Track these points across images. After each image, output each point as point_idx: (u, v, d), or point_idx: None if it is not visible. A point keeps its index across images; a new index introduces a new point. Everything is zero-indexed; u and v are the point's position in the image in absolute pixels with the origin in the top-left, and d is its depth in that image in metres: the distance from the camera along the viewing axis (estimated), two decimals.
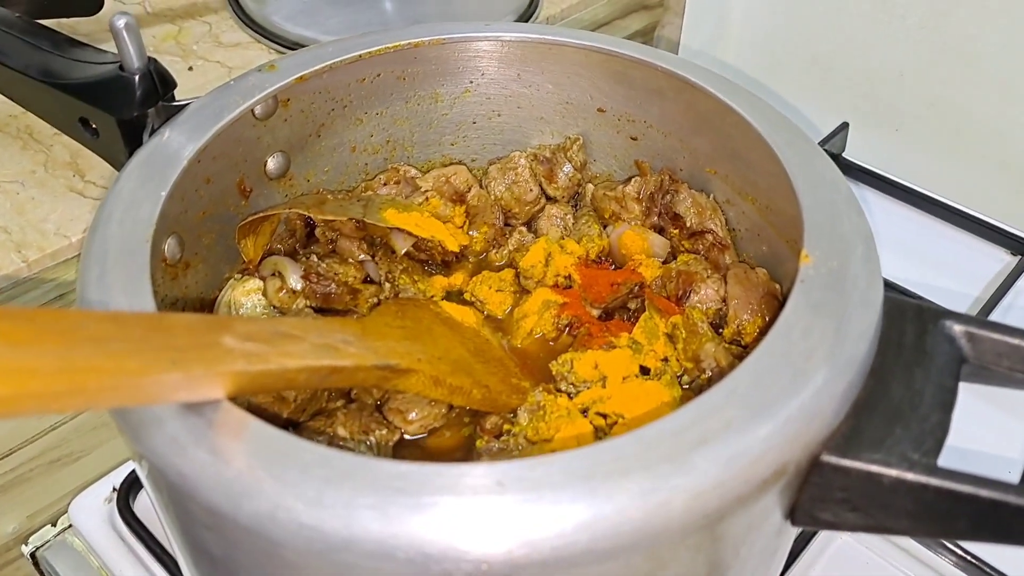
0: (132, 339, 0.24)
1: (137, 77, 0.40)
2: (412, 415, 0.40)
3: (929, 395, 0.31)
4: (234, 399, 0.28)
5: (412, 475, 0.26)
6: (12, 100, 0.46)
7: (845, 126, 0.68)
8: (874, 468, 0.29)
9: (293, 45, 0.63)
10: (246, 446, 0.27)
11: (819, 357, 0.30)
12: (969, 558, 0.45)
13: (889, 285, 0.56)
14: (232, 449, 0.27)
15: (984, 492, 0.28)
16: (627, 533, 0.26)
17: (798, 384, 0.29)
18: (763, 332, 0.41)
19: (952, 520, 0.29)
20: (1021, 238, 0.63)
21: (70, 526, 0.50)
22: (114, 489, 0.49)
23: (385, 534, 0.25)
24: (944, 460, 0.29)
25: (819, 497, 0.30)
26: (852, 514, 0.30)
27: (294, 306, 0.43)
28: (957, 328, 0.33)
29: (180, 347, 0.25)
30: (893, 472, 0.28)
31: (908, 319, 0.33)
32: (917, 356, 0.32)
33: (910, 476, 0.28)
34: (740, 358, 0.41)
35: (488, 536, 0.25)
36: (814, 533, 0.46)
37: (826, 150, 0.67)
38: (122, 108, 0.40)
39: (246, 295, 0.43)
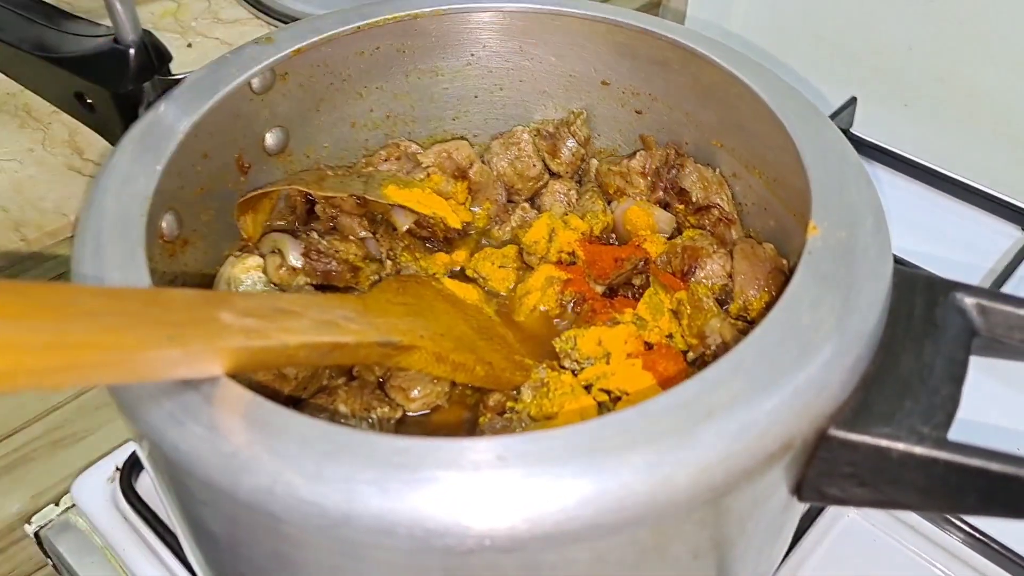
0: (128, 314, 0.23)
1: (132, 50, 0.40)
2: (414, 392, 0.39)
3: (939, 368, 0.30)
4: (234, 376, 0.28)
5: (412, 450, 0.26)
6: (7, 76, 0.45)
7: (853, 101, 0.67)
8: (883, 442, 0.28)
9: (293, 20, 0.62)
10: (244, 421, 0.26)
11: (827, 329, 0.29)
12: (977, 535, 0.45)
13: (898, 261, 0.55)
14: (230, 424, 0.26)
15: (994, 466, 0.27)
16: (632, 507, 0.25)
17: (806, 357, 0.28)
18: (770, 307, 0.41)
19: (962, 495, 0.28)
20: None
21: (73, 506, 0.50)
22: (117, 468, 0.49)
23: (385, 509, 0.25)
24: (954, 434, 0.28)
25: (826, 472, 0.30)
26: (860, 489, 0.29)
27: (294, 283, 0.43)
28: (968, 300, 0.32)
29: (177, 322, 0.25)
30: (902, 446, 0.28)
31: (918, 291, 0.32)
32: (927, 329, 0.31)
33: (919, 450, 0.28)
34: (746, 334, 0.40)
35: (490, 511, 0.25)
36: (820, 511, 0.46)
37: None
38: (117, 81, 0.40)
39: (245, 272, 0.43)
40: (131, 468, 0.48)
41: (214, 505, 0.28)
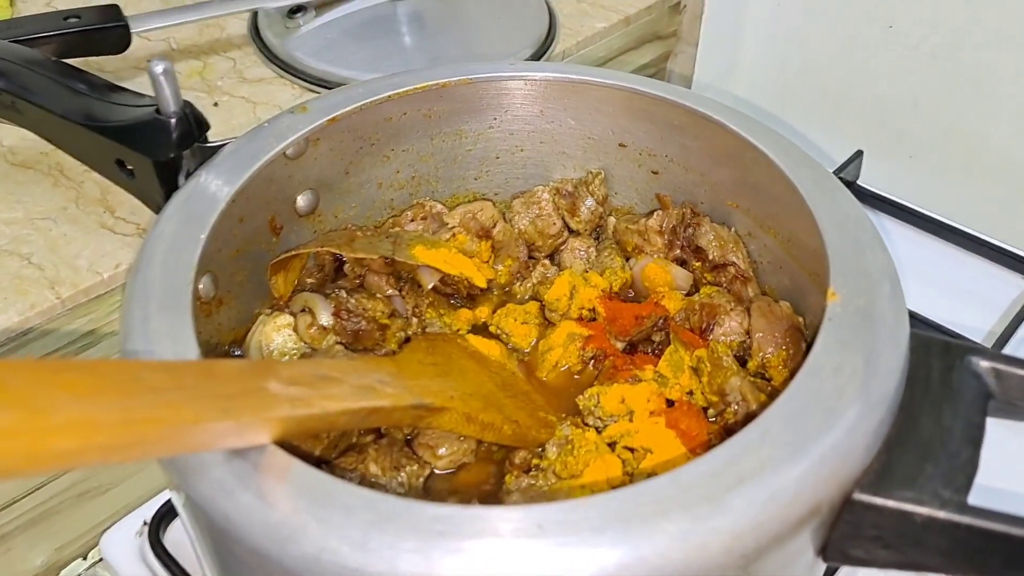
0: (186, 388, 0.25)
1: (173, 120, 0.41)
2: (442, 451, 0.40)
3: (958, 432, 0.31)
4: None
5: (454, 518, 0.27)
6: (48, 141, 0.47)
7: (860, 154, 0.69)
8: (906, 506, 0.29)
9: (316, 80, 0.64)
10: (291, 489, 0.28)
11: (850, 395, 0.30)
12: None
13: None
14: (277, 492, 0.27)
15: (1017, 531, 0.28)
16: (667, 575, 0.26)
17: (830, 422, 0.29)
18: (787, 366, 0.42)
19: (985, 558, 0.29)
20: None
21: (101, 560, 0.50)
22: (145, 523, 0.50)
23: None
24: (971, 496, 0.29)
25: (851, 535, 0.30)
26: (884, 551, 0.30)
27: (324, 343, 0.44)
28: (983, 364, 0.33)
29: (230, 394, 0.26)
30: (925, 510, 0.29)
31: (935, 355, 0.34)
32: (945, 392, 0.32)
33: (942, 515, 0.29)
34: (764, 392, 0.41)
35: None
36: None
37: (841, 178, 0.67)
38: (159, 150, 0.41)
39: (277, 331, 0.44)
40: (159, 522, 0.49)
41: (259, 570, 0.29)
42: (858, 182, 0.69)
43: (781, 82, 0.74)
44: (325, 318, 0.44)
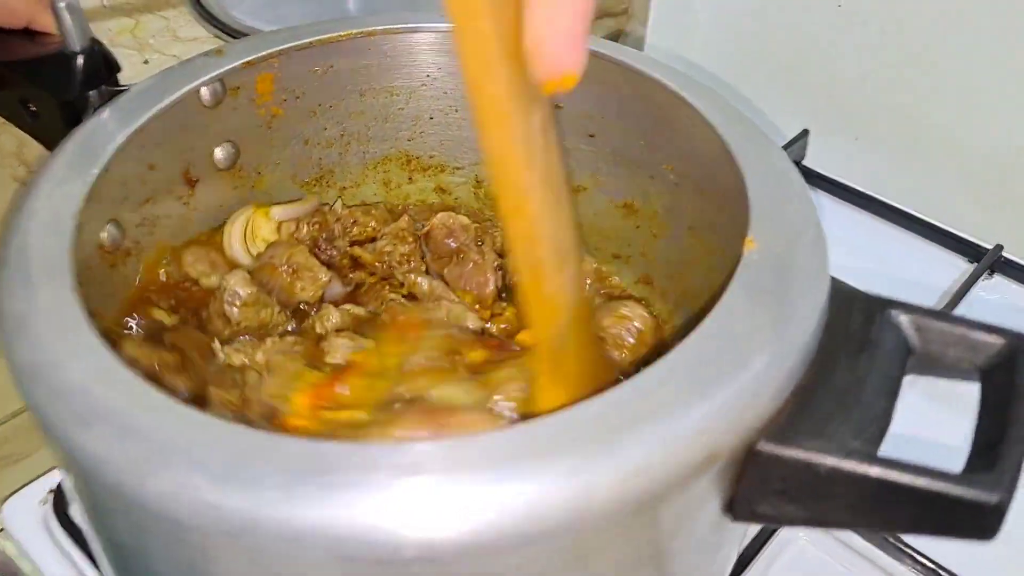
0: None
1: (80, 57, 0.39)
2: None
3: (873, 384, 0.30)
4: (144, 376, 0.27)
5: (324, 454, 0.25)
6: None
7: (805, 133, 0.68)
8: (812, 456, 0.28)
9: None
10: (153, 421, 0.26)
11: (760, 341, 0.29)
12: (931, 565, 0.44)
13: None
14: (139, 425, 0.26)
15: (924, 482, 0.27)
16: (552, 517, 0.24)
17: (736, 367, 0.28)
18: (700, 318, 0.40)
19: (893, 512, 0.28)
20: (978, 245, 0.62)
21: (2, 529, 0.48)
22: (50, 491, 0.47)
23: (292, 515, 0.24)
24: (890, 450, 0.28)
25: (757, 489, 0.29)
26: (791, 506, 0.29)
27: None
28: (904, 318, 0.32)
29: None
30: (830, 460, 0.27)
31: (855, 308, 0.32)
32: (863, 345, 0.31)
33: (848, 465, 0.27)
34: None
35: (403, 521, 0.24)
36: (767, 538, 0.45)
37: None
38: (63, 88, 0.40)
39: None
40: (64, 491, 0.47)
41: (123, 513, 0.27)
42: (803, 162, 0.68)
43: (733, 58, 0.73)
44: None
